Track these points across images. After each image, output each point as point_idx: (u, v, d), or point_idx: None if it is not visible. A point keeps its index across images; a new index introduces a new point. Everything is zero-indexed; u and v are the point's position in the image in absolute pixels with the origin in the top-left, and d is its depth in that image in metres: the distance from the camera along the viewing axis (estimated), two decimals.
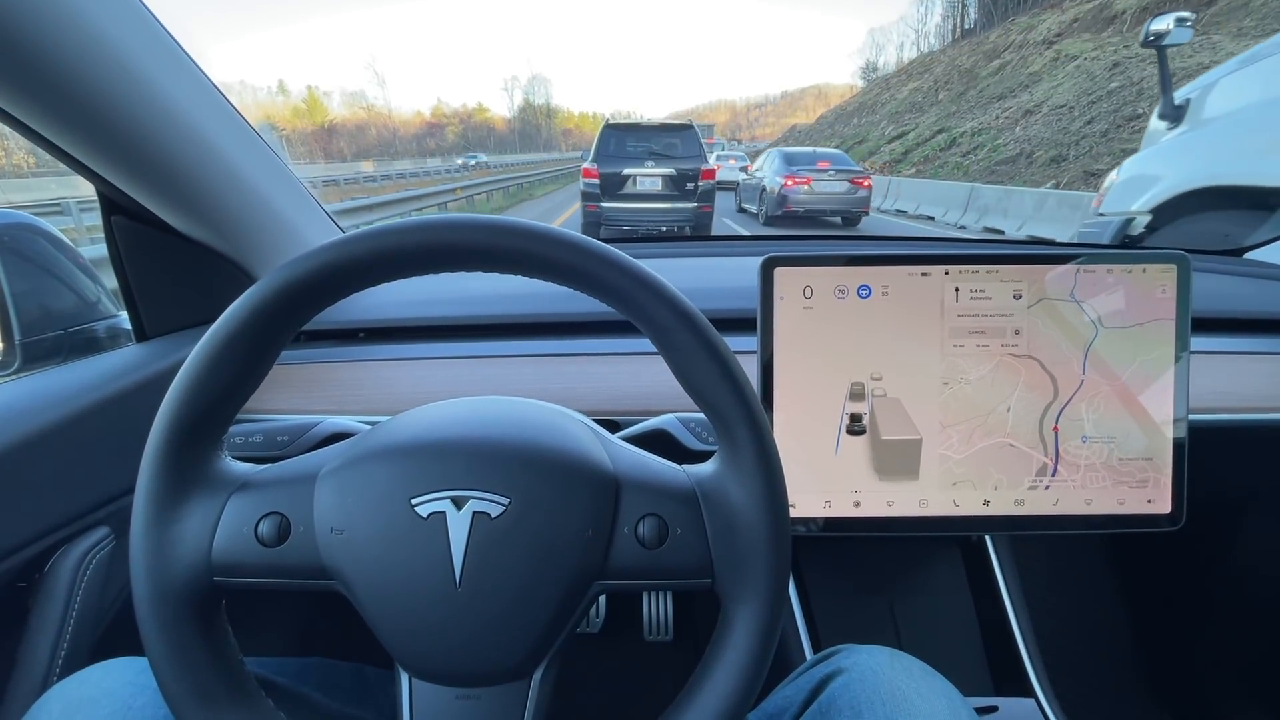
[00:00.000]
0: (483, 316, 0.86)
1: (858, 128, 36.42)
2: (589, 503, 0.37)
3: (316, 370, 0.79)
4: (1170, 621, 1.10)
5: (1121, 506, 0.63)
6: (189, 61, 0.66)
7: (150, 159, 0.63)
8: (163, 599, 0.35)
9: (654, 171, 7.48)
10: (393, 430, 0.40)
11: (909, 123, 27.24)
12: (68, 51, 0.52)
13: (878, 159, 24.53)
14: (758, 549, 0.37)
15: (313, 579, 0.37)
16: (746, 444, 0.37)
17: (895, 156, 23.43)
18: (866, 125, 34.81)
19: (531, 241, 0.35)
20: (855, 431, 0.62)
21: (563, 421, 0.42)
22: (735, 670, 0.36)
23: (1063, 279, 0.61)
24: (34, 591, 0.59)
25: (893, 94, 37.61)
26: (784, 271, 0.61)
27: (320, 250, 0.34)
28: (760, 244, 1.27)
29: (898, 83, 40.16)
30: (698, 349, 0.36)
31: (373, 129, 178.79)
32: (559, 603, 0.37)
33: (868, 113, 38.57)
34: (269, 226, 0.79)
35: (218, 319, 0.35)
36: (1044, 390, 0.61)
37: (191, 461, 0.37)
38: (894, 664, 0.48)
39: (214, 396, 0.36)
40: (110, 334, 0.81)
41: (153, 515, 0.35)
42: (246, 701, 0.36)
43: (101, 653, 0.52)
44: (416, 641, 0.37)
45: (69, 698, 0.43)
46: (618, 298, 0.36)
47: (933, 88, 31.27)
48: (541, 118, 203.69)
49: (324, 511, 0.37)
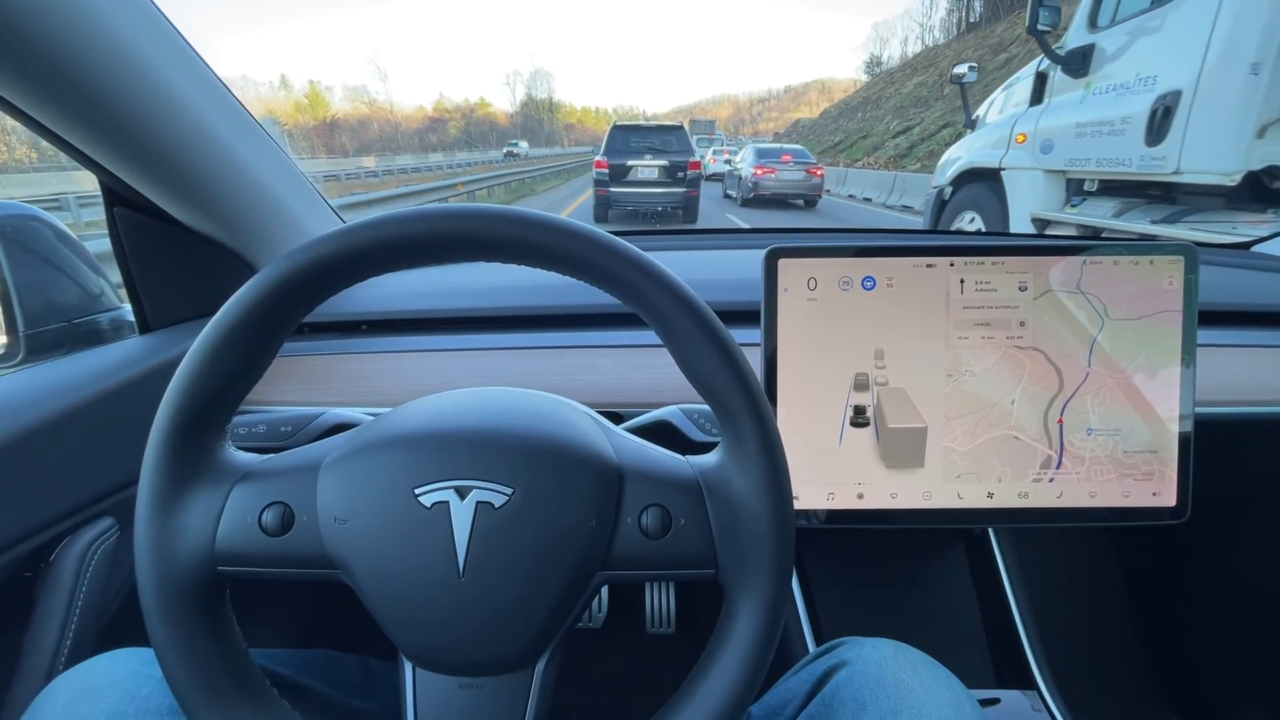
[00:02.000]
0: (486, 309, 0.86)
1: (861, 122, 35.97)
2: (592, 493, 0.37)
3: (320, 362, 0.79)
4: (1173, 615, 1.10)
5: (1126, 500, 0.62)
6: (192, 53, 0.65)
7: (153, 150, 0.63)
8: (167, 588, 0.35)
9: (652, 163, 9.64)
10: (396, 420, 0.40)
11: (914, 117, 26.79)
12: (72, 43, 0.51)
13: (882, 154, 23.73)
14: (761, 539, 0.36)
15: (316, 568, 0.37)
16: (750, 434, 0.37)
17: (900, 151, 22.67)
18: (871, 120, 34.39)
19: (535, 231, 0.35)
20: (859, 424, 0.62)
21: (566, 412, 0.42)
22: (738, 662, 0.36)
23: (1069, 270, 0.60)
24: (39, 581, 0.59)
25: (897, 88, 37.25)
26: (788, 263, 0.61)
27: (323, 240, 0.34)
28: (763, 236, 1.26)
29: (902, 77, 39.71)
30: (701, 338, 0.36)
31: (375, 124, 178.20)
32: (562, 593, 0.37)
33: (872, 107, 38.23)
34: (272, 218, 0.79)
35: (220, 310, 0.35)
36: (1049, 382, 0.61)
37: (195, 451, 0.37)
38: (897, 656, 0.48)
39: (217, 386, 0.36)
40: (113, 326, 0.81)
41: (157, 504, 0.36)
42: (250, 690, 0.36)
43: (107, 642, 0.52)
44: (420, 631, 0.37)
45: (74, 688, 0.43)
46: (621, 287, 0.36)
47: (937, 82, 30.94)
48: (544, 112, 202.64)
49: (327, 501, 0.37)
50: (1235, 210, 2.87)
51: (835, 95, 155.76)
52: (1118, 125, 3.20)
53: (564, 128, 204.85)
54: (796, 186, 13.36)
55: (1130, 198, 3.37)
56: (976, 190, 4.32)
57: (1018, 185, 3.95)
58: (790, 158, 13.55)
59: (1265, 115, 2.58)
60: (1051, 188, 3.76)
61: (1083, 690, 0.81)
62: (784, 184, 13.25)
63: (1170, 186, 3.13)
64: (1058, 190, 3.75)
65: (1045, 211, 3.74)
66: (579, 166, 29.16)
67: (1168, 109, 2.90)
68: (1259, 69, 2.56)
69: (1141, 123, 3.02)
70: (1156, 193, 3.27)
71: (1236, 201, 2.87)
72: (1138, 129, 3.05)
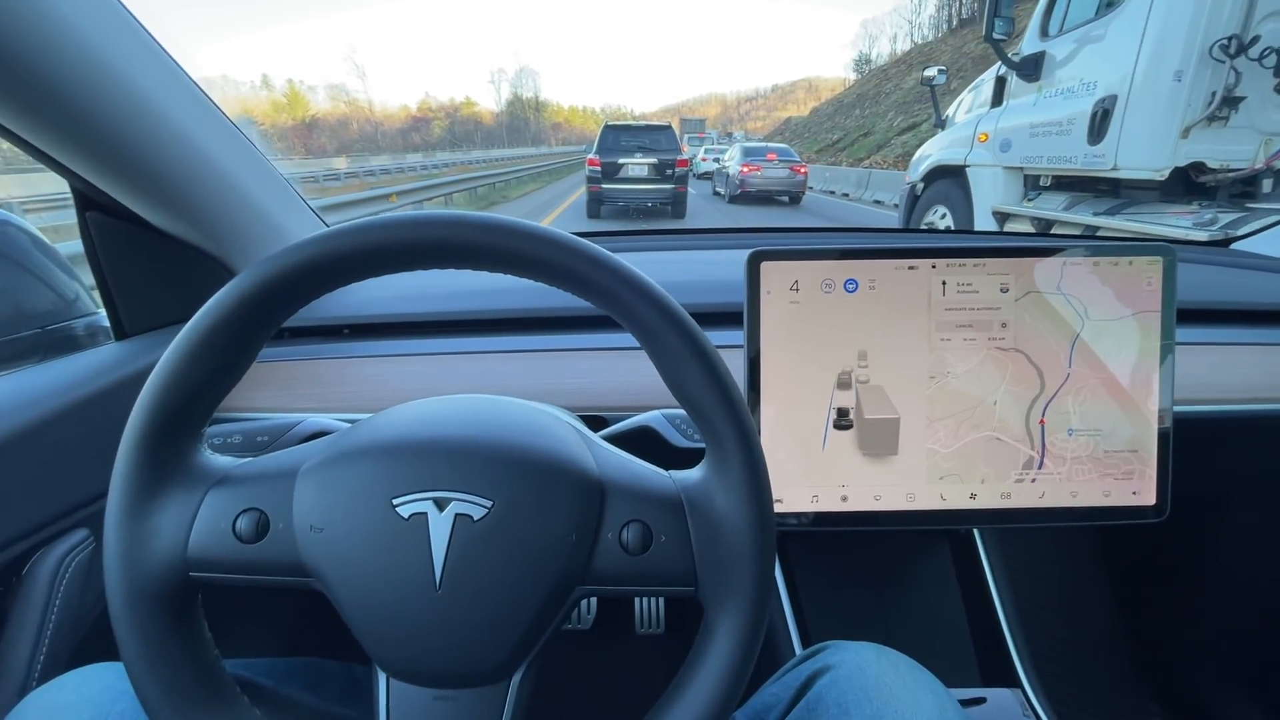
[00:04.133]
0: (468, 312, 0.85)
1: (860, 119, 34.86)
2: (573, 507, 0.37)
3: (298, 367, 0.78)
4: (1155, 612, 1.12)
5: (1107, 499, 0.63)
6: (164, 54, 0.64)
7: (125, 153, 0.62)
8: (137, 593, 0.34)
9: (642, 161, 10.09)
10: (376, 428, 0.39)
11: (920, 113, 25.71)
12: (38, 45, 0.50)
13: (889, 152, 22.54)
14: (742, 558, 0.36)
15: (291, 576, 0.37)
16: (734, 453, 0.36)
17: (908, 149, 21.14)
18: (870, 117, 33.20)
19: (518, 240, 0.34)
20: (842, 426, 0.62)
21: (549, 423, 0.41)
22: (714, 679, 0.36)
23: (1049, 271, 0.61)
24: (11, 596, 0.58)
25: (896, 84, 36.23)
26: (771, 266, 0.61)
27: (306, 243, 0.34)
28: (745, 236, 1.26)
29: (898, 73, 38.50)
30: (688, 355, 0.35)
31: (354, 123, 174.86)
32: (540, 607, 0.36)
33: (870, 104, 37.21)
34: (251, 221, 0.78)
35: (198, 311, 0.34)
36: (1031, 383, 0.62)
37: (169, 454, 0.36)
38: (880, 660, 0.48)
39: (194, 388, 0.35)
40: (89, 332, 0.79)
41: (128, 507, 0.35)
42: (221, 700, 0.36)
43: (81, 658, 0.51)
44: (395, 642, 0.36)
45: (46, 704, 0.42)
46: (606, 299, 0.36)
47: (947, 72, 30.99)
48: (530, 111, 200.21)
49: (304, 509, 0.36)
50: (1166, 203, 3.18)
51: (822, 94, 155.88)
52: (1064, 126, 3.54)
53: (551, 127, 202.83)
54: (781, 183, 13.91)
55: (1078, 192, 3.71)
56: (946, 186, 4.67)
57: (981, 181, 4.28)
58: (775, 156, 14.18)
59: (1188, 117, 2.95)
60: (1010, 183, 4.09)
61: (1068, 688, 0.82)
62: (769, 181, 13.82)
63: (1113, 182, 3.46)
64: (1016, 185, 4.08)
65: (1004, 205, 4.06)
66: (563, 168, 28.26)
67: (1106, 111, 3.23)
68: (1181, 76, 2.92)
69: (1085, 123, 3.34)
70: (1103, 188, 3.59)
71: (1168, 195, 3.20)
72: (1081, 129, 3.38)
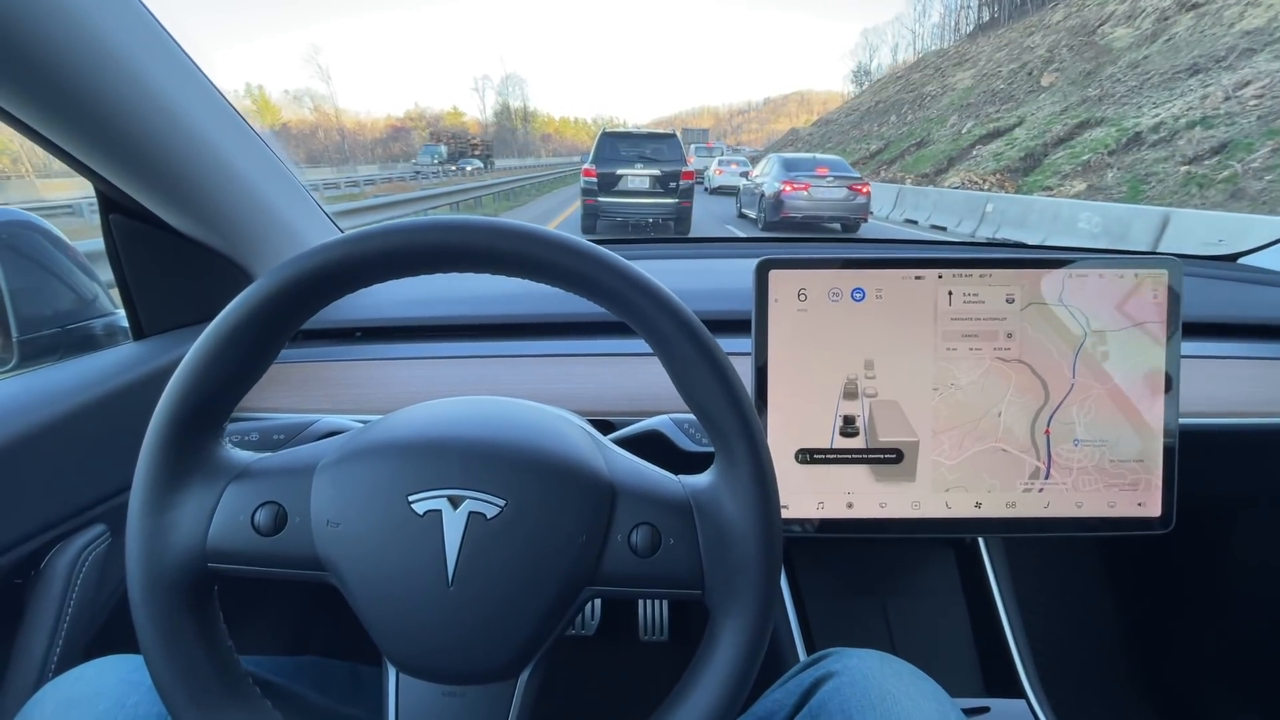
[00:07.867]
0: (479, 316, 0.86)
1: (901, 126, 27.34)
2: (584, 509, 0.37)
3: (313, 369, 0.79)
4: (1160, 624, 1.11)
5: (1112, 509, 0.63)
6: (188, 60, 0.66)
7: (149, 157, 0.63)
8: (157, 582, 0.35)
9: (643, 172, 9.00)
10: (393, 426, 0.40)
11: (1000, 116, 19.42)
12: (68, 50, 0.52)
13: (979, 166, 15.65)
14: (749, 564, 0.37)
15: (306, 569, 0.37)
16: (744, 460, 0.37)
17: (1009, 163, 14.52)
18: (922, 123, 25.07)
19: (534, 245, 0.35)
20: (848, 433, 0.62)
21: (561, 425, 0.42)
22: (718, 683, 0.36)
23: (1054, 283, 0.61)
24: (29, 588, 0.59)
25: (944, 83, 28.97)
26: (778, 274, 0.61)
27: (327, 246, 0.35)
28: (753, 246, 1.27)
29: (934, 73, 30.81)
30: (699, 362, 0.36)
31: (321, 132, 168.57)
32: (549, 606, 0.37)
33: (910, 109, 29.78)
34: (268, 226, 0.80)
35: (223, 310, 0.36)
36: (1035, 394, 0.62)
37: (192, 447, 0.37)
38: (884, 668, 0.49)
39: (216, 385, 0.36)
40: (107, 331, 0.81)
41: (151, 499, 0.36)
42: (236, 691, 0.37)
43: (96, 650, 0.52)
44: (405, 637, 0.37)
45: (62, 695, 0.43)
46: (623, 306, 0.36)
47: (1018, 70, 22.76)
48: (518, 121, 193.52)
49: (321, 503, 0.37)
50: None
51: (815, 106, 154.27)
52: None
53: (540, 138, 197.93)
54: (836, 207, 10.07)
55: None
56: None
57: None
58: (827, 170, 10.32)
59: None
60: None
61: (1072, 699, 0.81)
62: (820, 204, 9.96)
63: None
64: None
65: None
66: (554, 180, 25.56)
67: None
68: None
69: None
70: None
71: None
72: None
